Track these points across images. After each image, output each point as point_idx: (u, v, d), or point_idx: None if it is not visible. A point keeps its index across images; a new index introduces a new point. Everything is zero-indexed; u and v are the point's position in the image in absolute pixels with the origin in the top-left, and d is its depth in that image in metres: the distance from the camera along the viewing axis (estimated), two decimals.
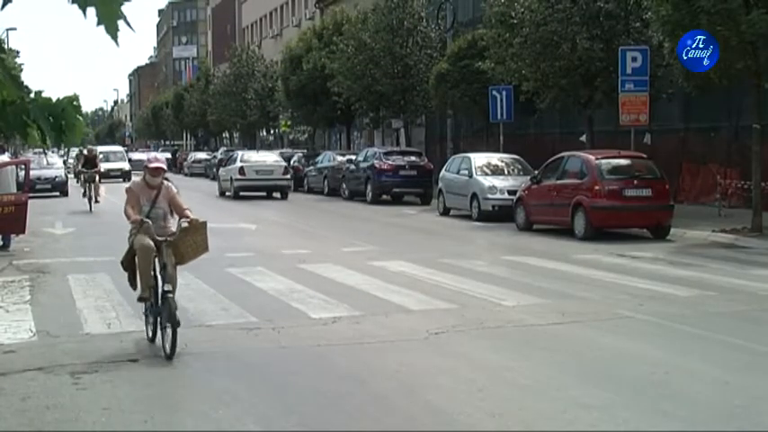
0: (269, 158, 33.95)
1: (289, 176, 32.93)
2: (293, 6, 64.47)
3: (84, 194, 26.07)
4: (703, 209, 21.40)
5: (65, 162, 55.14)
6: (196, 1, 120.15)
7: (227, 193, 33.01)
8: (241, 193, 31.80)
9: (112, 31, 3.48)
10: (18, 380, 7.15)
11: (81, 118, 4.70)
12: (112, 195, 27.19)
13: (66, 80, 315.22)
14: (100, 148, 49.88)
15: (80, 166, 26.96)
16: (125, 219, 8.46)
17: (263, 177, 32.25)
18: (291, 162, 38.30)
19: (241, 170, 32.12)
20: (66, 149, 61.59)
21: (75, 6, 3.48)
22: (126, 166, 47.71)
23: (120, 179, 44.84)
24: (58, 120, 4.54)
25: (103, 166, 42.90)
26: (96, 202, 25.60)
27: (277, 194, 32.12)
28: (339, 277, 12.49)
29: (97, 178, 26.22)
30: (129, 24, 3.52)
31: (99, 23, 3.46)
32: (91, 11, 3.46)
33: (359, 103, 34.97)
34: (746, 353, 8.02)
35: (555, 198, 18.54)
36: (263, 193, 32.24)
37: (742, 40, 15.60)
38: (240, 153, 35.25)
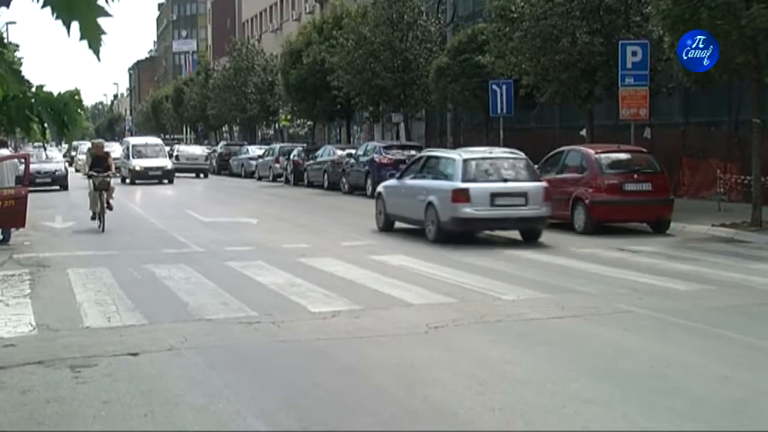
0: (196, 150, 47.98)
1: (208, 162, 46.71)
2: (293, 0, 64.40)
3: (94, 218, 18.79)
4: (703, 203, 21.41)
5: (72, 157, 54.38)
6: None
7: None
8: (176, 174, 39.92)
9: (95, 46, 3.46)
10: (18, 373, 7.16)
11: (82, 112, 4.69)
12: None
13: (66, 74, 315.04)
14: (132, 141, 43.47)
15: (87, 167, 20.23)
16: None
17: (190, 162, 44.95)
18: (291, 156, 38.32)
19: (176, 157, 43.94)
20: (68, 144, 59.94)
21: None
22: (168, 163, 39.30)
23: (158, 181, 38.19)
24: (60, 114, 4.53)
25: (138, 164, 38.08)
26: (108, 208, 18.75)
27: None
28: (339, 271, 12.49)
29: (111, 183, 19.40)
30: (99, 50, 3.48)
31: (82, 38, 3.44)
32: (74, 25, 3.44)
33: (359, 97, 34.97)
34: (746, 347, 8.03)
35: (555, 192, 18.50)
36: (193, 174, 43.63)
37: (742, 34, 15.58)
38: (177, 146, 51.12)
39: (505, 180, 15.94)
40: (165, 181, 38.21)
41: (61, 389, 6.72)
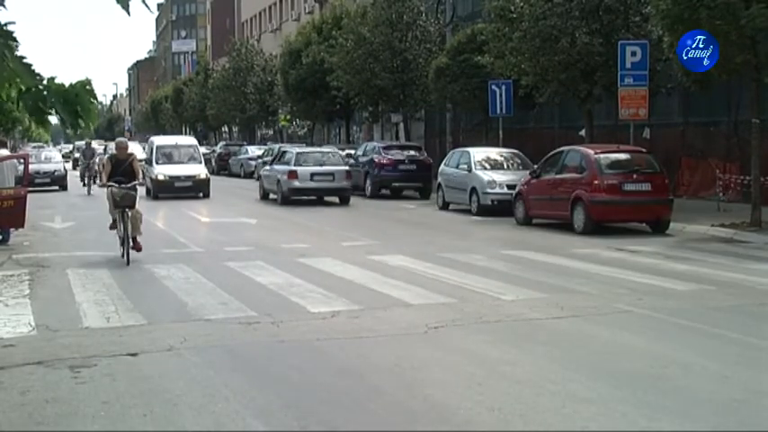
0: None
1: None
2: (292, 0, 64.41)
3: (114, 226, 13.99)
4: (702, 203, 21.41)
5: (75, 159, 54.12)
6: None
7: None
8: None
9: (123, 2, 3.47)
10: (17, 374, 7.15)
11: (95, 102, 4.70)
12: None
13: (66, 74, 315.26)
14: (157, 141, 32.08)
15: (105, 176, 14.16)
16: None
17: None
18: None
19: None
20: (73, 144, 59.20)
21: (73, 0, 3.47)
22: (202, 171, 29.04)
23: (193, 194, 28.51)
24: (73, 105, 4.54)
25: (161, 172, 28.42)
26: (135, 247, 13.58)
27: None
28: (338, 271, 12.49)
29: (137, 199, 13.86)
30: (128, 5, 3.51)
31: None
32: None
33: (358, 97, 34.99)
34: (745, 347, 8.02)
35: (554, 192, 18.54)
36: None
37: (741, 34, 15.58)
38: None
39: (322, 164, 26.22)
40: (200, 194, 28.57)
41: (60, 389, 6.72)
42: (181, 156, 29.77)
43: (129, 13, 3.61)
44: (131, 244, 13.51)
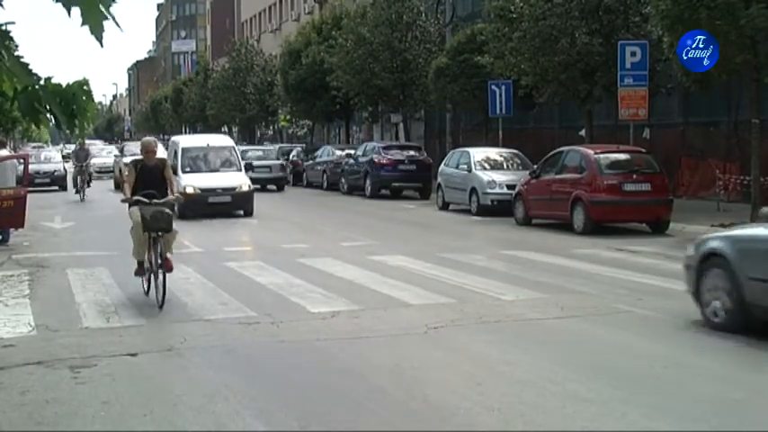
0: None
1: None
2: (292, 0, 64.41)
3: (142, 272, 10.54)
4: (702, 203, 21.40)
5: (75, 159, 53.59)
6: None
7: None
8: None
9: (97, 32, 3.45)
10: (17, 374, 7.15)
11: (92, 102, 4.68)
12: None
13: (65, 74, 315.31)
14: (183, 141, 24.54)
15: (128, 188, 10.69)
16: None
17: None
18: (291, 156, 38.34)
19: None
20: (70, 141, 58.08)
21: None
22: (243, 182, 22.24)
23: (232, 211, 22.03)
24: (69, 105, 4.53)
25: (190, 184, 21.45)
26: (166, 268, 10.08)
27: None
28: (338, 272, 12.49)
29: (172, 220, 10.42)
30: (117, 23, 3.49)
31: (83, 24, 3.43)
32: (75, 11, 3.44)
33: (358, 97, 34.98)
34: (746, 347, 8.02)
35: (554, 192, 18.53)
36: None
37: (741, 34, 15.59)
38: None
39: (261, 159, 34.24)
40: (241, 212, 22.07)
41: (60, 389, 6.72)
42: (214, 161, 23.18)
43: (102, 45, 3.60)
44: (163, 270, 10.04)
